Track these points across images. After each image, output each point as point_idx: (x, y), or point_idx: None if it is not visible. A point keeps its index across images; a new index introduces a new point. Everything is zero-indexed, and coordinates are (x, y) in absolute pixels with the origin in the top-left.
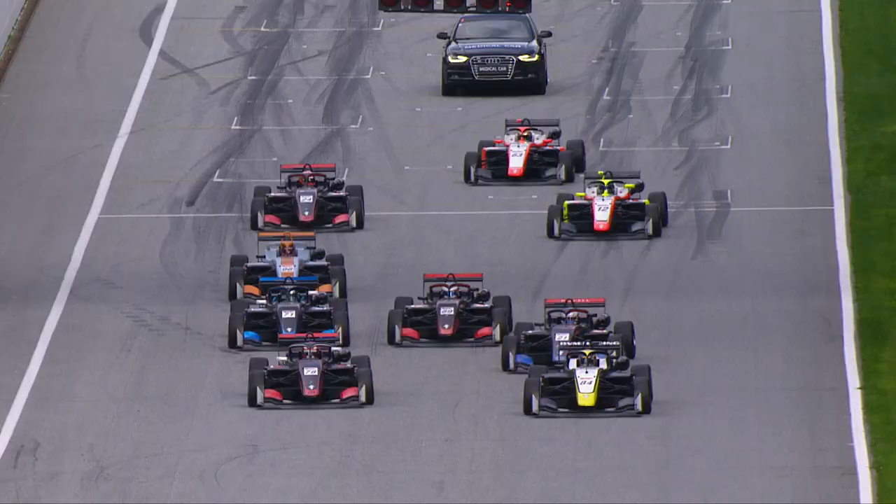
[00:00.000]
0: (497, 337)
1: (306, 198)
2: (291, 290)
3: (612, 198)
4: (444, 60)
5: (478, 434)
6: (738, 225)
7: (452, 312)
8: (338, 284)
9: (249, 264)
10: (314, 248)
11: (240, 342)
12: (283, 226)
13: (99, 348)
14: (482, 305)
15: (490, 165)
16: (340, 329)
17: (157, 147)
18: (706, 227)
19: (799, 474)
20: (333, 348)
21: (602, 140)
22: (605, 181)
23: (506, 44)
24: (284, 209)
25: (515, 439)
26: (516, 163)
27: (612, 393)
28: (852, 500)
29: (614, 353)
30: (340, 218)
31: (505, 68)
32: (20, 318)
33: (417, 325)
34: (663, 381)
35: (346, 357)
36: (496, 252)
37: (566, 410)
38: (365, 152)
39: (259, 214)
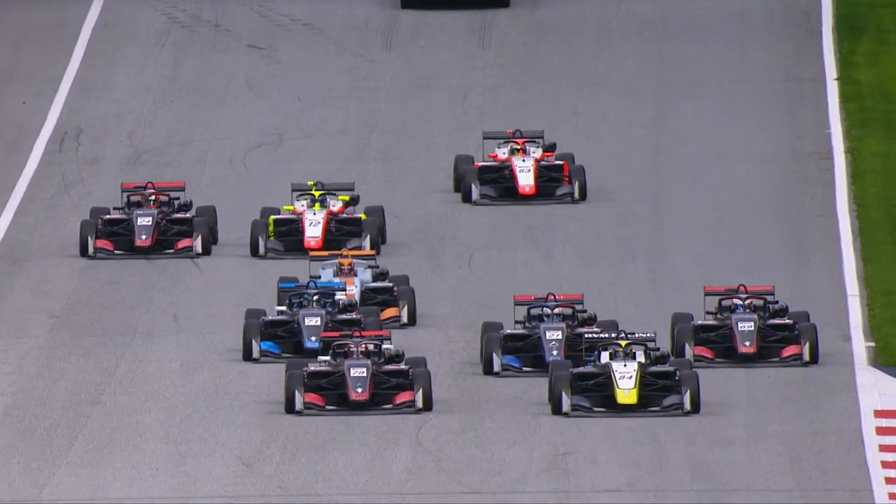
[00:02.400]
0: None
1: (144, 220)
2: (315, 295)
3: (325, 211)
4: None
5: None
6: None
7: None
8: (406, 308)
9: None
10: (377, 267)
11: (256, 354)
12: (116, 252)
13: (136, 43)
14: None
15: (492, 182)
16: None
17: None
18: None
19: (780, 159)
20: (385, 346)
21: None
22: (317, 193)
23: None
24: (120, 232)
25: None
26: (526, 180)
27: (655, 390)
28: (829, 181)
29: (652, 345)
30: (184, 243)
31: None
32: (62, 14)
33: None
34: (655, 76)
35: (399, 357)
36: None
37: (602, 410)
38: None
39: (89, 239)
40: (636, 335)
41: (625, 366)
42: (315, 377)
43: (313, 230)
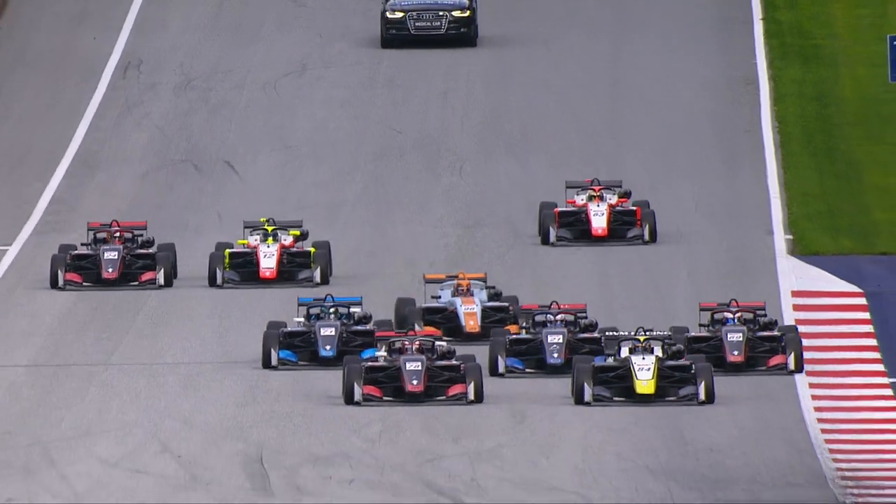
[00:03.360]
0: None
1: (111, 254)
2: (331, 308)
3: (278, 245)
4: (383, 16)
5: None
6: None
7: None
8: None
9: (425, 304)
10: (493, 287)
11: (274, 362)
12: (84, 284)
13: None
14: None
15: (568, 226)
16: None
17: None
18: None
19: (716, 84)
20: (437, 344)
21: None
22: (270, 228)
23: (439, 0)
24: (88, 266)
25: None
26: (599, 222)
27: (672, 382)
28: (755, 103)
29: (669, 342)
30: (148, 275)
31: (439, 23)
32: None
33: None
34: (610, 11)
35: (451, 354)
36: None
37: (622, 399)
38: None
39: (59, 272)
40: (654, 332)
41: (643, 359)
42: (373, 371)
43: (268, 261)
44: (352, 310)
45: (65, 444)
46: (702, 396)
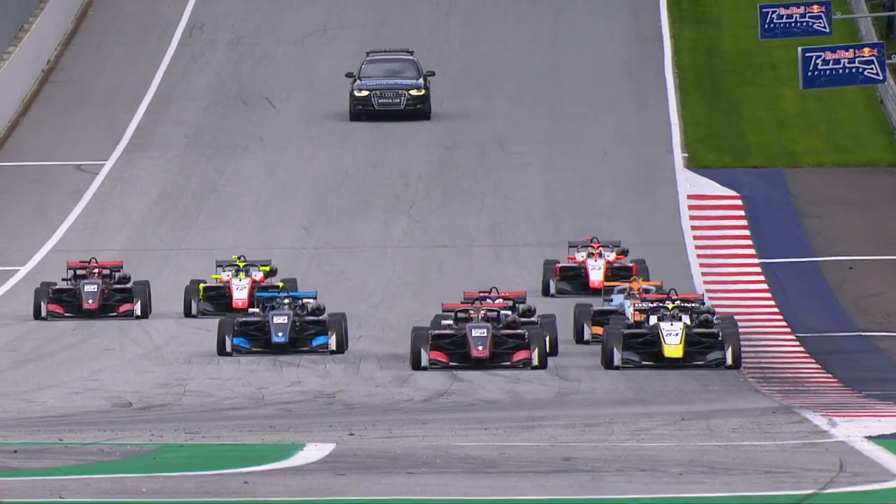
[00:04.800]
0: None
1: (90, 287)
2: (286, 299)
3: (249, 279)
4: (351, 94)
5: None
6: None
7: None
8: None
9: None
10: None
11: (228, 348)
12: (66, 314)
13: None
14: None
15: (567, 280)
16: (335, 336)
17: None
18: None
19: (629, 42)
20: (502, 312)
21: None
22: (241, 264)
23: (399, 80)
24: (68, 299)
25: None
26: (596, 276)
27: (701, 347)
28: (660, 55)
29: (698, 309)
30: (125, 307)
31: (399, 100)
32: None
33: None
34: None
35: (515, 324)
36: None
37: (651, 363)
38: None
39: (42, 304)
40: (682, 301)
41: (671, 324)
42: (439, 338)
43: (240, 293)
44: (305, 300)
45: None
46: (729, 361)
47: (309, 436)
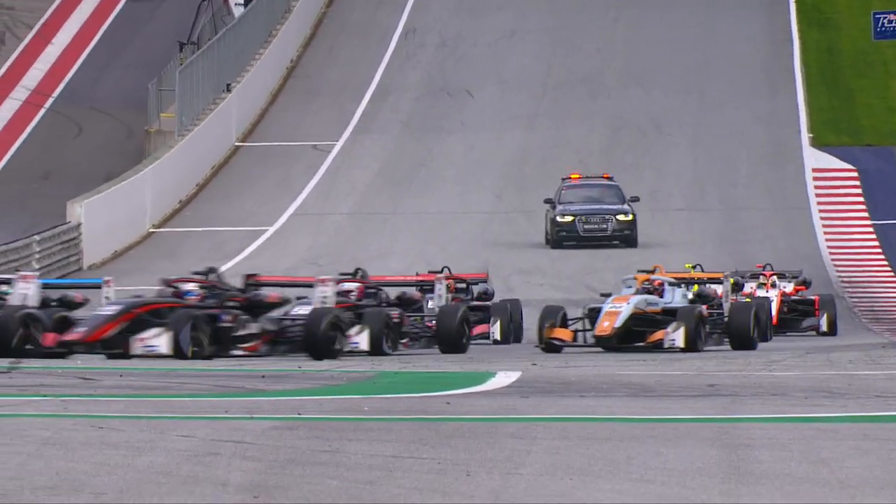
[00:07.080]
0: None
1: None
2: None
3: None
4: (553, 220)
5: None
6: None
7: None
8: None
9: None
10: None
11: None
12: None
13: None
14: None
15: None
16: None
17: None
18: None
19: (762, 42)
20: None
21: None
22: None
23: (604, 206)
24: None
25: None
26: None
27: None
28: (790, 54)
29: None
30: (480, 328)
31: (605, 226)
32: None
33: None
34: None
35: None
36: None
37: None
38: None
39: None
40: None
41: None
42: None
43: None
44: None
45: None
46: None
47: (500, 366)
